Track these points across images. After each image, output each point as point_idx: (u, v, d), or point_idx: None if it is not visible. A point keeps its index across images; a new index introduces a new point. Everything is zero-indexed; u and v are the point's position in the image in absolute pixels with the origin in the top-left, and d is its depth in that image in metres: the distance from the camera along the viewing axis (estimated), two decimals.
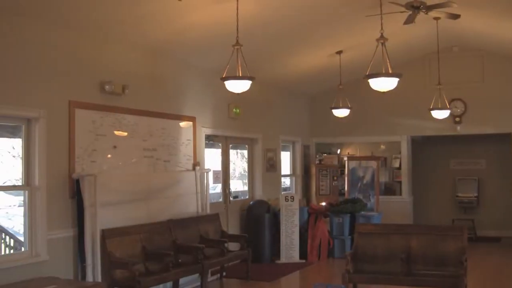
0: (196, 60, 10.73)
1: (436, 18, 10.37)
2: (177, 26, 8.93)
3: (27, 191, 7.73)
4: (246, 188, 13.75)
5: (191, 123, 10.76)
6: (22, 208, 8.03)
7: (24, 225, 7.81)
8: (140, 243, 8.73)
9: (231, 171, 12.99)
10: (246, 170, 13.76)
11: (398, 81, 8.02)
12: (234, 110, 12.25)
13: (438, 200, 16.58)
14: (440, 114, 12.21)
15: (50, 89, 7.82)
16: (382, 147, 15.88)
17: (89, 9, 7.73)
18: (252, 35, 8.69)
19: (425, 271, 8.57)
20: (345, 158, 15.18)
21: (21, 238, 13.50)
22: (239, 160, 14.34)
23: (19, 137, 7.92)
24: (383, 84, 8.03)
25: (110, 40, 8.84)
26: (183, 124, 10.54)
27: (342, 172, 15.44)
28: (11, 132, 8.38)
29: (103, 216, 8.19)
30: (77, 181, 8.04)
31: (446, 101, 12.25)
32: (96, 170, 8.34)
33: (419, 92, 14.19)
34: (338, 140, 16.05)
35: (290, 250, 12.47)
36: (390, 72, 7.95)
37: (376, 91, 8.26)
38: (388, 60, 7.87)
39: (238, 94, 8.45)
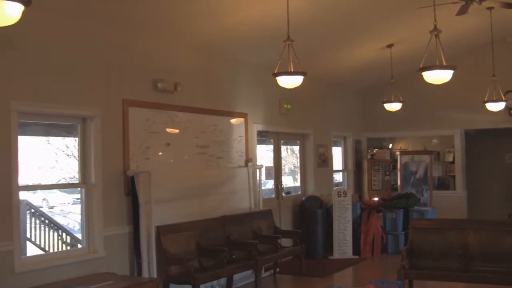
0: (247, 56, 10.71)
1: (490, 8, 10.16)
2: (228, 23, 8.93)
3: (83, 189, 7.82)
4: (296, 184, 13.70)
5: (242, 119, 10.76)
6: (76, 206, 8.13)
7: (81, 222, 7.89)
8: (194, 239, 8.76)
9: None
10: (296, 166, 13.72)
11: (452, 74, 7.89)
12: (285, 105, 12.21)
13: (493, 194, 16.22)
14: (495, 107, 11.94)
15: (105, 88, 7.91)
16: (434, 141, 15.64)
17: (142, 9, 7.78)
18: (302, 30, 8.63)
19: (483, 268, 8.31)
20: (398, 153, 15.01)
21: (77, 235, 13.75)
22: (289, 156, 14.30)
23: (75, 136, 8.03)
24: (438, 76, 7.90)
25: (162, 39, 8.88)
26: (235, 120, 10.55)
27: (395, 167, 15.26)
28: (67, 131, 8.50)
29: (158, 212, 8.23)
30: (132, 178, 8.11)
31: (501, 93, 11.98)
32: (150, 167, 8.40)
33: (472, 84, 13.87)
34: (389, 135, 15.87)
35: (343, 246, 12.38)
36: (444, 64, 7.83)
37: (428, 84, 8.14)
38: (442, 52, 7.75)
39: (289, 89, 8.42)
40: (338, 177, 15.51)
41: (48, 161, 17.17)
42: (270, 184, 12.43)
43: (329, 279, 10.63)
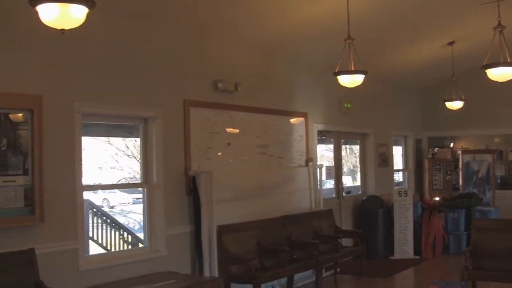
0: (307, 56, 10.57)
1: None
2: (287, 22, 8.82)
3: (145, 189, 7.81)
4: (355, 183, 13.53)
5: (303, 119, 10.63)
6: (136, 205, 8.16)
7: (143, 221, 7.90)
8: (255, 239, 8.67)
9: None
10: (355, 165, 13.54)
11: None
12: (346, 105, 12.04)
13: None
14: None
15: (166, 89, 7.90)
16: (497, 139, 15.24)
17: (203, 10, 7.74)
18: (362, 28, 8.46)
19: None
20: (459, 152, 14.69)
21: (138, 234, 13.86)
22: (348, 155, 14.13)
23: (136, 137, 8.06)
24: (502, 73, 7.68)
25: (222, 39, 8.82)
26: (295, 120, 10.43)
27: (456, 166, 14.94)
28: (128, 132, 8.55)
29: (219, 212, 8.17)
30: (193, 178, 8.06)
31: None
32: (211, 167, 8.35)
33: None
34: (451, 134, 15.51)
35: (404, 246, 12.14)
36: (509, 61, 7.58)
37: (490, 81, 7.90)
38: (506, 49, 7.50)
39: (349, 88, 8.29)
40: (398, 177, 15.26)
41: (108, 161, 17.40)
42: (329, 184, 12.28)
43: (390, 279, 10.44)
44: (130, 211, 18.42)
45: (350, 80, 8.05)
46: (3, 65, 6.05)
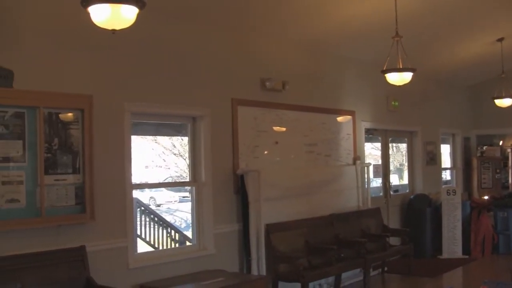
0: (354, 54, 10.45)
1: None
2: (334, 20, 8.72)
3: (194, 187, 7.80)
4: (401, 182, 13.35)
5: (350, 117, 10.50)
6: (182, 204, 8.17)
7: (192, 220, 7.89)
8: (303, 237, 8.60)
9: None
10: (402, 163, 13.36)
11: None
12: (393, 103, 11.86)
13: None
14: None
15: (214, 88, 7.86)
16: None
17: (250, 9, 7.70)
18: (410, 26, 8.33)
19: None
20: (509, 150, 14.38)
21: (185, 233, 13.90)
22: (394, 153, 13.95)
23: (183, 135, 8.05)
24: None
25: (270, 38, 8.76)
26: (342, 118, 10.31)
27: (505, 164, 14.64)
28: (176, 130, 8.56)
29: (267, 211, 8.11)
30: (242, 177, 8.01)
31: None
32: (259, 165, 8.29)
33: None
34: (500, 131, 15.17)
35: (452, 245, 11.91)
36: None
37: None
38: None
39: (396, 86, 8.19)
40: (446, 175, 15.01)
41: (155, 160, 17.50)
42: (375, 183, 12.12)
43: (438, 279, 10.24)
44: (177, 209, 18.51)
45: (399, 78, 7.98)
46: (54, 65, 6.09)
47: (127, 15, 4.54)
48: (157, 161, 17.73)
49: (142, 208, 13.83)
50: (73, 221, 6.12)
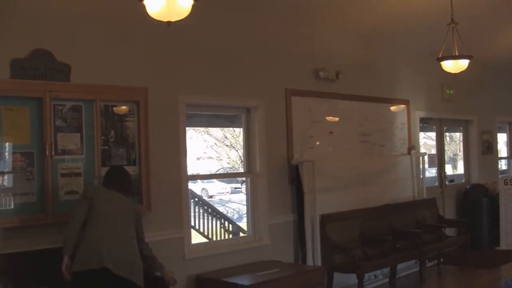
0: (408, 42, 10.21)
1: None
2: (388, 8, 8.54)
3: (249, 178, 7.76)
4: (455, 172, 13.10)
5: (404, 106, 10.31)
6: (233, 195, 8.15)
7: (247, 210, 7.86)
8: (358, 228, 8.48)
9: None
10: (455, 153, 13.09)
11: None
12: (448, 91, 11.59)
13: None
14: None
15: (268, 78, 7.79)
16: None
17: None
18: (465, 12, 8.11)
19: None
20: None
21: (238, 223, 13.92)
22: (448, 143, 13.69)
23: (237, 126, 8.02)
24: None
25: (323, 27, 8.63)
26: (396, 107, 10.13)
27: None
28: (230, 121, 8.54)
29: (321, 201, 8.01)
30: (296, 167, 7.94)
31: None
32: (313, 156, 8.20)
33: None
34: None
35: (510, 236, 11.56)
36: None
37: None
38: None
39: (451, 74, 8.02)
40: (501, 165, 14.66)
41: (207, 152, 17.56)
42: (428, 173, 11.88)
43: (496, 271, 9.95)
44: (229, 200, 18.58)
45: (455, 66, 7.83)
46: (110, 59, 6.13)
47: (182, 7, 4.51)
48: (209, 153, 17.84)
49: (196, 199, 13.88)
50: None
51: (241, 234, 12.16)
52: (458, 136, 13.04)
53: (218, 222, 13.76)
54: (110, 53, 6.14)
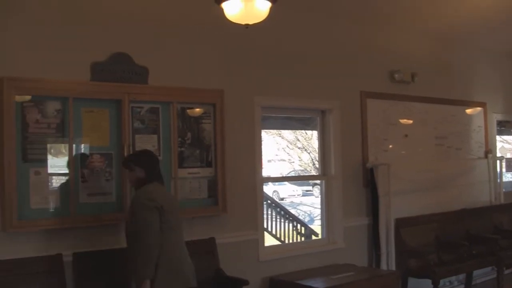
0: (486, 42, 9.91)
1: None
2: (465, 8, 8.28)
3: (323, 181, 7.68)
4: None
5: (481, 108, 10.02)
6: (305, 198, 8.08)
7: (321, 213, 7.77)
8: (433, 232, 8.25)
9: None
10: None
11: None
12: None
13: None
14: None
15: (343, 81, 7.69)
16: None
17: (378, 1, 7.48)
18: None
19: None
20: None
21: (310, 226, 13.82)
22: None
23: (311, 129, 7.95)
24: None
25: (398, 28, 8.47)
26: (472, 110, 9.84)
27: None
28: (304, 124, 8.48)
29: (396, 204, 7.86)
30: (371, 170, 7.80)
31: None
32: (388, 159, 8.06)
33: None
34: None
35: None
36: None
37: None
38: None
39: None
40: None
41: (279, 154, 17.53)
42: (505, 177, 11.51)
43: None
44: (300, 202, 18.50)
45: None
46: (186, 61, 6.16)
47: (260, 9, 4.53)
48: (281, 155, 17.83)
49: (269, 201, 13.86)
50: (206, 213, 6.18)
51: (313, 237, 12.06)
52: None
53: (291, 225, 13.70)
54: (187, 56, 6.16)
